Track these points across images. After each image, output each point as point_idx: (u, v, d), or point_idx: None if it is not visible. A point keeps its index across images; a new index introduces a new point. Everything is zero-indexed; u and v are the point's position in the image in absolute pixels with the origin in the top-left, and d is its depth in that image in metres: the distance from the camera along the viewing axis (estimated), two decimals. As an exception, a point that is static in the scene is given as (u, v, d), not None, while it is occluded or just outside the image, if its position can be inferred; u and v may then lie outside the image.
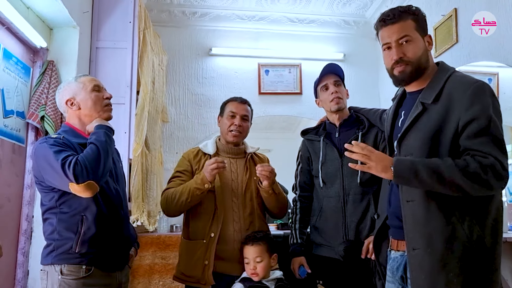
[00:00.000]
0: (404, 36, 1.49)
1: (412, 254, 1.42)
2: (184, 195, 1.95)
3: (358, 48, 4.52)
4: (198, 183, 1.94)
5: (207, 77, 4.31)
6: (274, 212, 2.17)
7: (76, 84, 1.79)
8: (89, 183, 1.54)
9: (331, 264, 2.03)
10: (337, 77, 2.12)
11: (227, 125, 2.12)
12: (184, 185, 1.99)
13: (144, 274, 3.09)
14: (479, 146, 1.34)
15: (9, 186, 2.30)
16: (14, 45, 2.36)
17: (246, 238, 1.96)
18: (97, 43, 2.91)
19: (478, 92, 1.39)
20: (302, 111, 4.38)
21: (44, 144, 1.62)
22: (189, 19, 4.30)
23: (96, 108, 1.78)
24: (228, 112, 2.14)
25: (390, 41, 1.51)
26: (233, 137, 2.12)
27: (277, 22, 4.41)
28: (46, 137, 1.69)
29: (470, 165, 1.32)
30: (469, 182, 1.31)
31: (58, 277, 1.59)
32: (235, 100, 2.19)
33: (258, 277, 1.89)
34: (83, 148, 1.66)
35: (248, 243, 1.93)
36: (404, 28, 1.50)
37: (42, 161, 1.60)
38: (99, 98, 1.79)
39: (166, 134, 4.14)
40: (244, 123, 2.15)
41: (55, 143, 1.61)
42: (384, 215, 1.64)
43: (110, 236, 1.70)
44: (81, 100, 1.77)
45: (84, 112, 1.78)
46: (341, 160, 2.07)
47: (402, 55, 1.49)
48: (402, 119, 1.57)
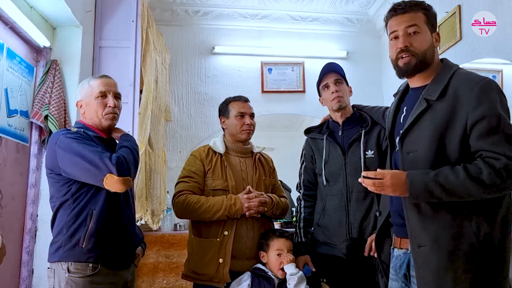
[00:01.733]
0: (413, 25, 1.48)
1: (418, 252, 1.41)
2: (209, 214, 1.99)
3: (361, 46, 4.51)
4: (232, 212, 1.98)
5: (210, 75, 4.31)
6: (276, 217, 2.26)
7: (87, 87, 1.82)
8: (127, 178, 1.59)
9: (334, 262, 2.03)
10: (337, 76, 2.12)
11: (238, 126, 2.15)
12: (211, 203, 1.99)
13: (148, 272, 3.10)
14: (491, 147, 1.33)
15: (13, 185, 2.31)
16: (17, 45, 2.37)
17: (281, 232, 2.05)
18: (100, 42, 2.92)
19: (485, 89, 1.37)
20: (305, 109, 4.37)
21: (69, 138, 1.63)
22: (191, 18, 4.30)
23: (97, 115, 1.79)
24: (236, 112, 2.17)
25: (398, 29, 1.50)
26: (247, 135, 2.18)
27: (280, 20, 4.40)
28: (67, 130, 1.72)
29: (483, 172, 1.30)
30: (485, 192, 1.31)
31: (65, 275, 1.60)
32: (238, 100, 2.21)
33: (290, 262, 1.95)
34: (101, 142, 1.72)
35: (283, 237, 2.02)
36: (414, 18, 1.50)
37: (69, 153, 1.61)
38: (101, 106, 1.79)
39: (170, 133, 4.15)
40: (253, 120, 2.21)
41: (80, 137, 1.65)
42: (386, 213, 1.64)
43: (116, 233, 1.72)
44: (86, 105, 1.81)
45: (87, 117, 1.82)
46: (344, 158, 2.07)
47: (408, 44, 1.48)
48: (404, 115, 1.56)
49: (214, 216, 1.98)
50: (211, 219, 1.99)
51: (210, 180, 2.09)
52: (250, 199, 2.00)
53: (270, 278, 1.90)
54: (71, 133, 1.68)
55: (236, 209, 1.98)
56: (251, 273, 1.94)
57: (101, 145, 1.70)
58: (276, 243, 1.98)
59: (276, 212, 2.13)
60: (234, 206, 1.98)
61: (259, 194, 2.04)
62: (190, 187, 2.07)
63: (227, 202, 1.99)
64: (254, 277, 1.92)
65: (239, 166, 2.14)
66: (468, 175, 1.31)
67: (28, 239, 2.41)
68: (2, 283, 2.22)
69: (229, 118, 2.19)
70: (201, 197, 2.04)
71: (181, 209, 2.04)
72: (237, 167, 2.14)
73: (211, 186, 2.08)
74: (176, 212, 2.09)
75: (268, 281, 1.89)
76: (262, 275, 1.92)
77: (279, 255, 1.96)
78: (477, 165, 1.32)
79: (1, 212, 2.17)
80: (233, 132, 2.18)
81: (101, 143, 1.72)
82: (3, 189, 2.19)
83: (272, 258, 1.97)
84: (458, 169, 1.34)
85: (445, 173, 1.35)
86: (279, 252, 1.96)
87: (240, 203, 1.98)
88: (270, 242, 2.00)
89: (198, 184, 2.08)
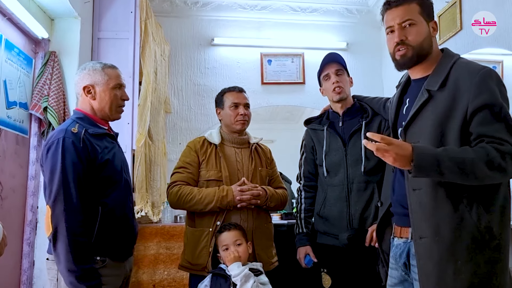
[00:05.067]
0: (407, 20, 1.48)
1: (419, 243, 1.41)
2: (201, 205, 1.98)
3: (361, 37, 4.49)
4: (223, 204, 1.97)
5: (210, 67, 4.30)
6: (272, 209, 2.22)
7: (101, 74, 1.75)
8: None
9: (335, 253, 2.04)
10: (339, 66, 2.11)
11: (232, 116, 2.13)
12: (203, 194, 1.99)
13: (149, 264, 3.11)
14: (494, 133, 1.32)
15: (14, 177, 2.31)
16: (16, 36, 2.35)
17: (222, 227, 1.94)
18: (99, 33, 2.90)
19: (486, 78, 1.37)
20: (305, 100, 4.36)
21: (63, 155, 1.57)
22: (191, 9, 4.27)
23: (111, 107, 1.77)
24: (230, 103, 2.15)
25: (393, 24, 1.50)
26: (241, 125, 2.14)
27: (279, 11, 4.37)
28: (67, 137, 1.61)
29: (490, 154, 1.29)
30: (491, 172, 1.29)
31: None
32: (233, 90, 2.20)
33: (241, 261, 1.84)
34: (99, 139, 1.69)
35: (225, 230, 1.92)
36: (407, 11, 1.49)
37: (51, 171, 1.59)
38: (116, 98, 1.78)
39: (169, 125, 4.14)
40: (247, 110, 2.18)
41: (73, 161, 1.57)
42: (387, 203, 1.64)
43: (123, 226, 1.72)
44: (100, 92, 1.75)
45: (97, 105, 1.76)
46: (345, 149, 2.06)
47: (403, 37, 1.48)
48: (407, 106, 1.56)
49: (207, 208, 1.97)
50: (204, 210, 1.99)
51: (204, 170, 2.08)
52: (243, 191, 1.98)
53: (226, 276, 1.83)
54: (70, 145, 1.59)
55: (228, 201, 1.97)
56: (211, 274, 1.89)
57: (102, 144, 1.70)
58: (221, 239, 1.91)
59: (271, 205, 2.10)
60: (226, 197, 1.97)
61: (253, 187, 2.01)
62: (184, 178, 2.07)
63: (219, 193, 1.98)
64: (212, 277, 1.87)
65: (234, 157, 2.13)
66: (476, 154, 1.30)
67: (28, 231, 2.42)
68: (4, 274, 2.23)
69: (224, 108, 2.18)
70: (193, 188, 2.03)
71: (174, 200, 2.04)
72: (232, 157, 2.12)
73: (205, 176, 2.07)
74: (170, 203, 2.10)
75: (225, 278, 1.83)
76: (219, 274, 1.86)
77: (226, 249, 1.88)
78: (484, 147, 1.31)
79: (1, 204, 2.17)
80: (228, 123, 2.17)
81: (96, 139, 1.69)
82: (3, 181, 2.19)
83: (222, 255, 1.90)
84: (466, 147, 1.34)
85: (454, 148, 1.33)
86: (225, 247, 1.88)
87: (232, 194, 1.97)
88: (218, 239, 1.93)
89: (192, 175, 2.08)
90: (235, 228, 1.93)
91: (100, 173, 1.65)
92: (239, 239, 1.90)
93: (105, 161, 1.67)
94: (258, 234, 2.05)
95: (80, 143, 1.60)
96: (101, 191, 1.65)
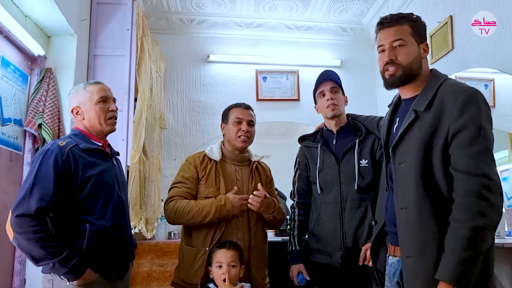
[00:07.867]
0: (398, 39, 1.51)
1: (406, 262, 1.42)
2: (199, 218, 1.96)
3: (355, 55, 4.54)
4: (222, 214, 1.95)
5: (205, 83, 4.32)
6: (270, 227, 2.24)
7: (84, 93, 1.80)
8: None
9: (328, 271, 2.03)
10: (334, 84, 2.14)
11: (234, 132, 2.12)
12: (200, 206, 1.97)
13: (142, 281, 3.07)
14: (464, 165, 1.33)
15: (6, 194, 2.30)
16: (12, 53, 2.37)
17: (221, 243, 1.91)
18: (95, 50, 2.92)
19: (469, 100, 1.38)
20: (300, 117, 4.39)
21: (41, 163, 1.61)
22: (187, 26, 4.32)
23: (99, 121, 1.79)
24: (234, 118, 2.14)
25: (385, 43, 1.54)
26: (242, 143, 2.12)
27: (274, 29, 4.43)
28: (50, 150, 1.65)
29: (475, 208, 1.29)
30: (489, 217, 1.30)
31: (66, 284, 1.58)
32: (239, 106, 2.19)
33: (227, 284, 1.81)
34: (90, 155, 1.71)
35: (224, 247, 1.89)
36: (399, 32, 1.52)
37: (29, 176, 1.64)
38: (103, 111, 1.80)
39: (164, 141, 4.14)
40: (251, 128, 2.16)
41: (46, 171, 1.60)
42: (381, 221, 1.65)
43: (113, 244, 1.71)
44: (86, 111, 1.79)
45: (87, 123, 1.80)
46: (338, 167, 2.07)
47: (393, 57, 1.51)
48: (396, 126, 1.59)
49: (205, 219, 1.95)
50: (202, 222, 1.96)
51: (203, 187, 2.06)
52: (243, 199, 1.97)
53: None
54: (51, 157, 1.62)
55: (227, 210, 1.95)
56: None
57: (90, 159, 1.71)
58: (216, 255, 1.88)
59: (277, 217, 2.08)
60: (224, 207, 1.95)
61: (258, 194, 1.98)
62: (181, 193, 2.04)
63: (217, 203, 1.95)
64: None
65: (234, 175, 2.11)
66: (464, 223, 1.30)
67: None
68: (-6, 293, 2.20)
69: (227, 123, 2.17)
70: (190, 201, 2.01)
71: (172, 215, 2.01)
72: (232, 175, 2.10)
73: (203, 193, 2.05)
74: (168, 218, 2.07)
75: None
76: None
77: (220, 267, 1.85)
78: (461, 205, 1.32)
79: (-7, 221, 2.15)
80: (230, 138, 2.16)
81: (86, 154, 1.70)
82: (-4, 197, 2.18)
83: (214, 272, 1.87)
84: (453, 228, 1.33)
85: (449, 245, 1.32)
86: (219, 265, 1.85)
87: (231, 203, 1.95)
88: (212, 255, 1.89)
89: (190, 190, 2.05)
90: (234, 248, 1.90)
91: (84, 188, 1.65)
92: (235, 261, 1.87)
93: (88, 176, 1.67)
94: (255, 254, 2.03)
95: (63, 156, 1.63)
96: (86, 207, 1.65)
